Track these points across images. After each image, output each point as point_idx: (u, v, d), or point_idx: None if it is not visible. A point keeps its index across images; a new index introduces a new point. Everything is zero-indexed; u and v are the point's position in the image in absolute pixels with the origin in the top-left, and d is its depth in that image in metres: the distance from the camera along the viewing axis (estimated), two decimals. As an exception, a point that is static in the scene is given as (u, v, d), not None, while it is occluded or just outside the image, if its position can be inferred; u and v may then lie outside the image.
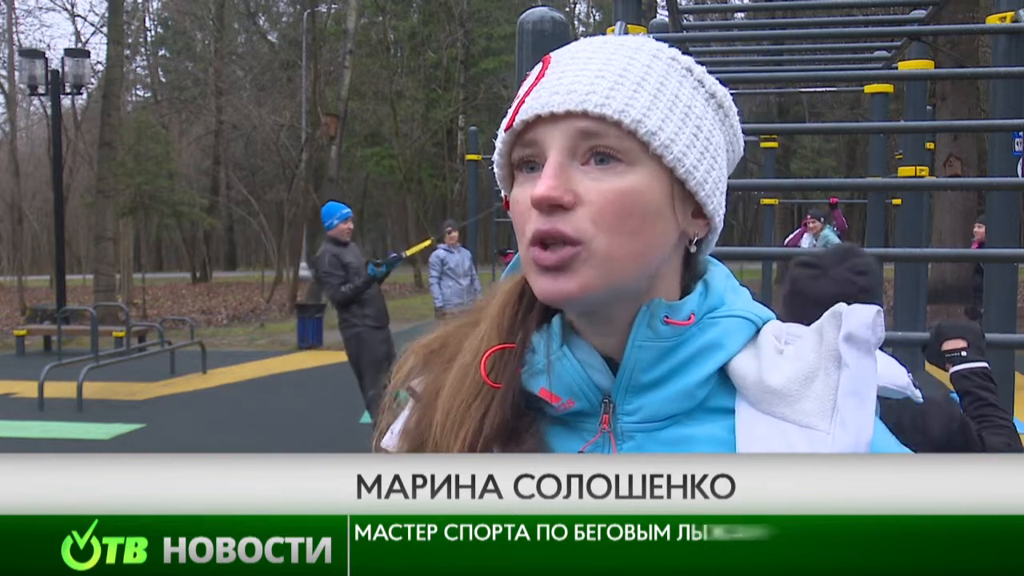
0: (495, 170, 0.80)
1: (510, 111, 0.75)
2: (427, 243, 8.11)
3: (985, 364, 2.17)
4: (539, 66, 0.77)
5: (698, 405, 0.74)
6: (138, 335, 12.90)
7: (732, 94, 0.80)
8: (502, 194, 0.80)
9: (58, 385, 9.23)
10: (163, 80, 34.84)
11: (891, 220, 11.47)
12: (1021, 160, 7.86)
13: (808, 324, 0.75)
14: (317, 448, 6.95)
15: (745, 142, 0.83)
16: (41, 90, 15.24)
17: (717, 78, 0.80)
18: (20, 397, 9.50)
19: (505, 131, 0.75)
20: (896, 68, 6.22)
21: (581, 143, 0.71)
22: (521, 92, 0.75)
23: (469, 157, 13.75)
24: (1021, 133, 7.77)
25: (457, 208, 30.59)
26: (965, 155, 15.26)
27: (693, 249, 0.77)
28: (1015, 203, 3.89)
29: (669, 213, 0.73)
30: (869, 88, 7.29)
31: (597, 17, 42.75)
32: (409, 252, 7.38)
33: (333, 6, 28.66)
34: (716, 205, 0.76)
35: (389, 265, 6.38)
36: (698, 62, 0.79)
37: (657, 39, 0.79)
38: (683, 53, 0.78)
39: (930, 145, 11.45)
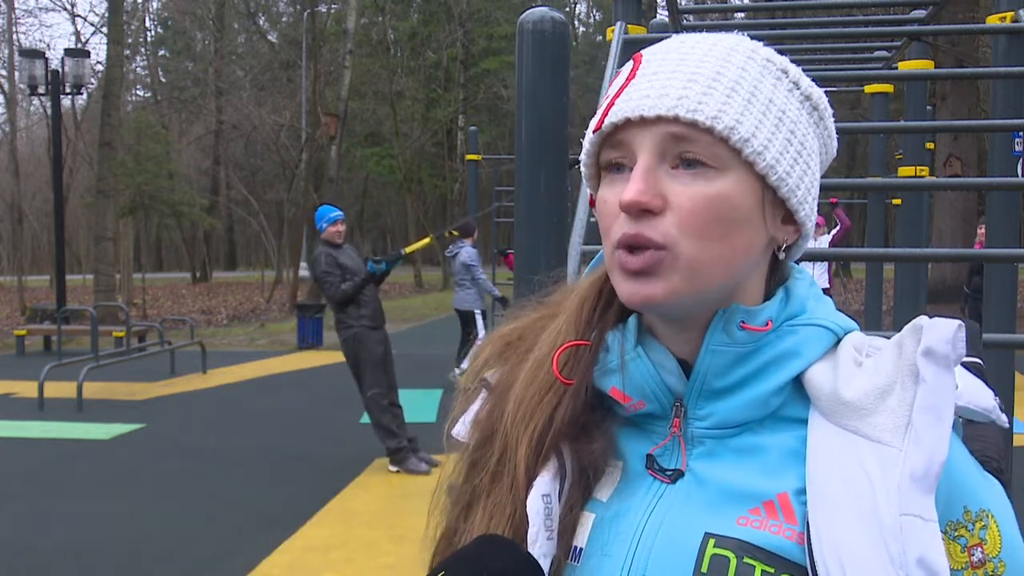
0: (582, 169, 0.78)
1: (599, 111, 0.73)
2: (427, 241, 8.12)
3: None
4: (630, 64, 0.75)
5: (771, 414, 0.73)
6: (138, 335, 12.90)
7: None
8: (588, 192, 0.80)
9: (58, 385, 9.23)
10: (163, 80, 34.84)
11: (891, 220, 11.47)
12: (1021, 160, 7.86)
13: None
14: (317, 448, 6.95)
15: None
16: (41, 90, 15.25)
17: None
18: (20, 397, 9.50)
19: (594, 132, 0.74)
20: (896, 68, 6.21)
21: (671, 147, 0.69)
22: (611, 91, 0.74)
23: (469, 157, 13.72)
24: (1021, 133, 7.77)
25: (457, 208, 30.59)
26: (965, 155, 15.25)
27: (782, 256, 0.76)
28: (1015, 203, 3.88)
29: (758, 219, 0.71)
30: (869, 88, 7.28)
31: (597, 17, 42.76)
32: (408, 250, 7.37)
33: (333, 6, 28.64)
34: (808, 211, 0.74)
35: (389, 263, 6.37)
36: None
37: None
38: None
39: (930, 145, 11.44)
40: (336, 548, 4.73)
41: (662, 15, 6.21)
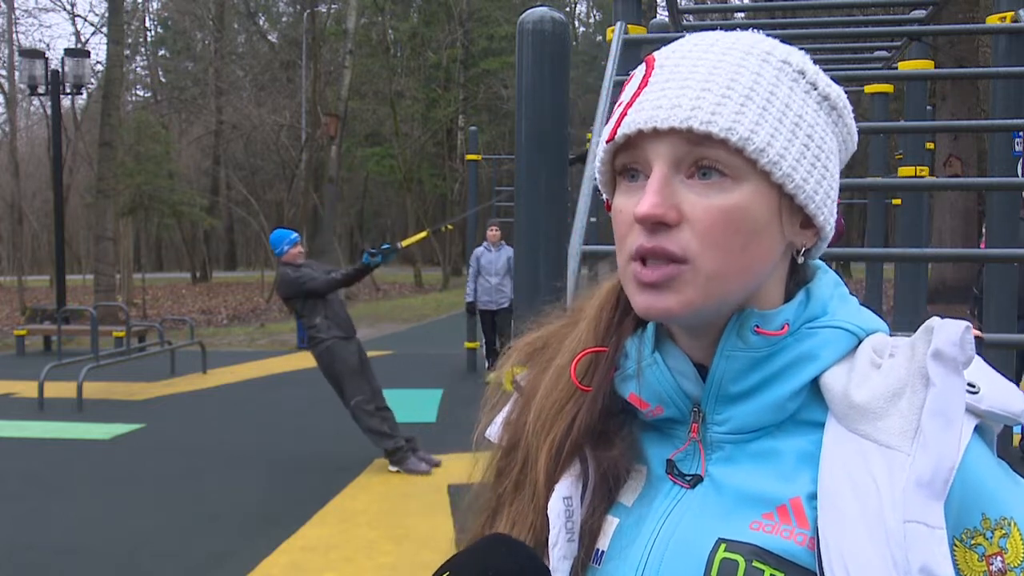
0: (596, 176, 0.78)
1: (612, 121, 0.73)
2: (423, 235, 8.11)
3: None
4: (642, 69, 0.74)
5: (789, 417, 0.72)
6: (138, 335, 12.90)
7: None
8: (603, 197, 0.79)
9: (58, 385, 9.23)
10: (163, 80, 34.83)
11: (891, 220, 11.47)
12: (1021, 160, 7.86)
13: None
14: (317, 448, 6.95)
15: None
16: (41, 90, 15.24)
17: None
18: (20, 397, 9.49)
19: (607, 142, 0.73)
20: (896, 68, 6.21)
21: (686, 157, 0.68)
22: (624, 98, 0.73)
23: (469, 157, 13.71)
24: (1021, 133, 7.77)
25: (457, 208, 30.60)
26: (965, 155, 15.26)
27: (801, 260, 0.75)
28: (1015, 203, 3.88)
29: (776, 227, 0.70)
30: (869, 88, 7.29)
31: (597, 17, 42.74)
32: (405, 243, 7.36)
33: (333, 6, 28.66)
34: (826, 215, 0.73)
35: (384, 255, 6.37)
36: None
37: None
38: None
39: (930, 145, 11.44)
40: (336, 548, 4.73)
41: (662, 15, 6.21)
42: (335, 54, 27.22)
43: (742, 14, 21.02)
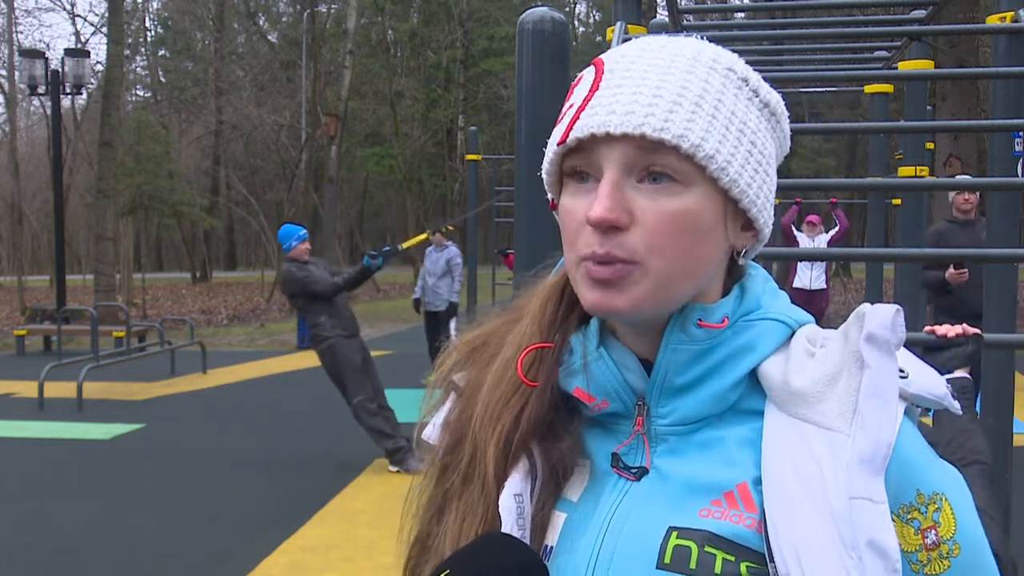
0: (543, 176, 0.79)
1: (563, 123, 0.74)
2: (423, 237, 8.15)
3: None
4: (591, 73, 0.75)
5: (730, 407, 0.74)
6: (138, 335, 12.90)
7: None
8: (548, 196, 0.80)
9: (58, 385, 9.23)
10: (163, 80, 34.83)
11: (891, 220, 11.47)
12: (1021, 160, 7.86)
13: None
14: (317, 448, 6.95)
15: None
16: (41, 90, 15.25)
17: None
18: (20, 397, 9.50)
19: (558, 144, 0.74)
20: (896, 68, 6.21)
21: (637, 162, 0.70)
22: (574, 101, 0.74)
23: (469, 157, 13.70)
24: (1021, 133, 7.77)
25: (457, 208, 30.61)
26: (965, 155, 15.25)
27: (742, 261, 0.78)
28: (1015, 203, 3.88)
29: (721, 230, 0.73)
30: (869, 88, 7.28)
31: (597, 17, 42.74)
32: (404, 245, 7.39)
33: (333, 6, 28.67)
34: (766, 218, 0.76)
35: (384, 257, 6.40)
36: None
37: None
38: None
39: (930, 145, 11.44)
40: (336, 548, 4.73)
41: (662, 15, 6.20)
42: (335, 54, 27.24)
43: (742, 14, 21.02)
